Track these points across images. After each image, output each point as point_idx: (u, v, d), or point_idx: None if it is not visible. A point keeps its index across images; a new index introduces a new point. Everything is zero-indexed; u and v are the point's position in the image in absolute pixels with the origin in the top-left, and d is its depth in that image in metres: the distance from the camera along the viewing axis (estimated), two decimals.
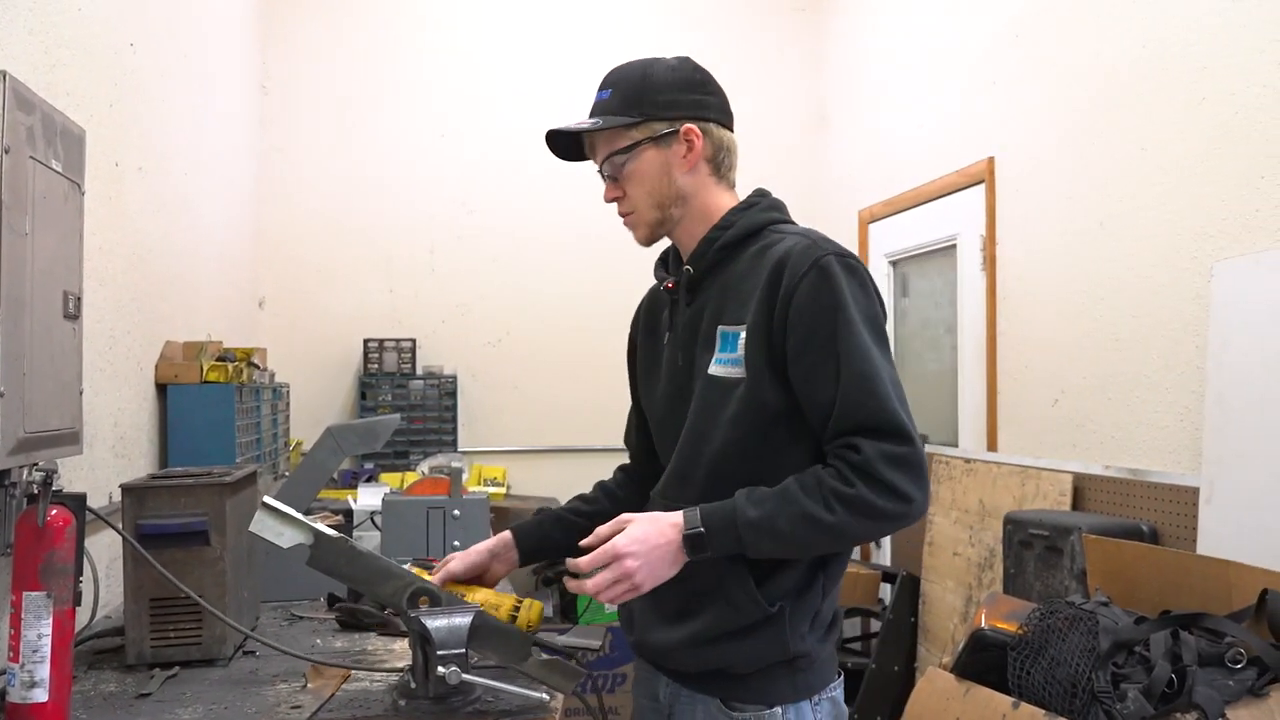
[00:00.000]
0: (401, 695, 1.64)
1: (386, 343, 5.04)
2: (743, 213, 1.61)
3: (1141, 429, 2.95)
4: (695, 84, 1.62)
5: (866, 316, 1.46)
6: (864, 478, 1.38)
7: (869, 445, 1.39)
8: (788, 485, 1.42)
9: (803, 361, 1.46)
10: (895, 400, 1.42)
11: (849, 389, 1.42)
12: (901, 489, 1.38)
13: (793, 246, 1.51)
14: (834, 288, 1.45)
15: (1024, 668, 2.19)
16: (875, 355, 1.44)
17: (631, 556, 1.40)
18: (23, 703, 1.50)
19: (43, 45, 2.08)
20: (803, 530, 1.40)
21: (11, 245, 1.59)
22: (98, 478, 2.37)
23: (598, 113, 1.62)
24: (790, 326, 1.46)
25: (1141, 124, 2.97)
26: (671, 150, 1.59)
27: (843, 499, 1.38)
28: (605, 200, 1.66)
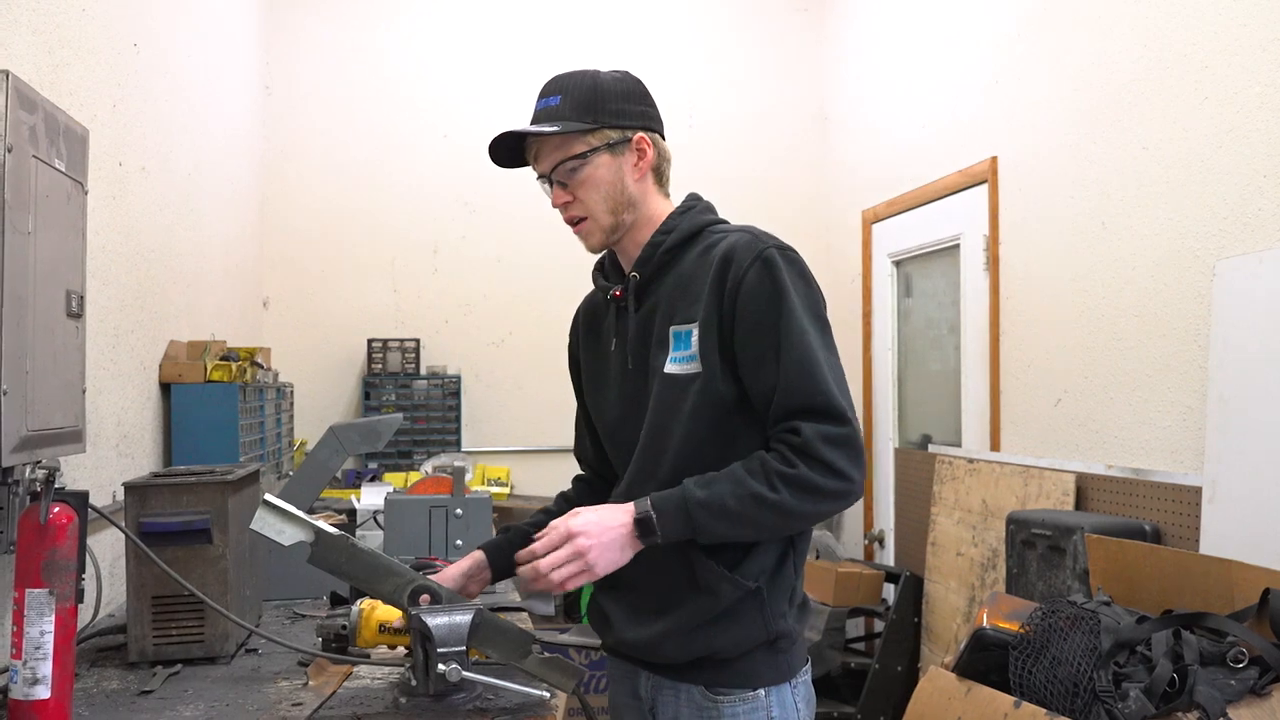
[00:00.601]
0: (402, 693, 1.65)
1: (390, 343, 5.05)
2: (682, 216, 1.66)
3: (1144, 428, 2.95)
4: (640, 95, 1.67)
5: (807, 305, 1.52)
6: (805, 458, 1.44)
7: (808, 427, 1.44)
8: (733, 469, 1.47)
9: (749, 350, 1.51)
10: (833, 384, 1.47)
11: (789, 374, 1.47)
12: (840, 468, 1.43)
13: (736, 241, 1.56)
14: (776, 278, 1.51)
15: (1026, 667, 2.18)
16: (814, 342, 1.49)
17: (585, 536, 1.45)
18: (25, 699, 1.50)
19: (46, 45, 2.09)
20: (751, 508, 1.45)
21: (14, 244, 1.59)
22: (101, 476, 2.38)
23: (547, 119, 1.64)
24: (738, 317, 1.52)
25: (1144, 123, 2.97)
26: (624, 158, 1.63)
27: (785, 479, 1.43)
28: (553, 205, 1.70)
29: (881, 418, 4.87)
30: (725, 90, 5.37)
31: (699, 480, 1.48)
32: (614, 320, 1.71)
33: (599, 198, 1.64)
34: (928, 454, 4.18)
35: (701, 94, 5.31)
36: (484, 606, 1.63)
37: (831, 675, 4.10)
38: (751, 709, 1.54)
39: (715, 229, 1.64)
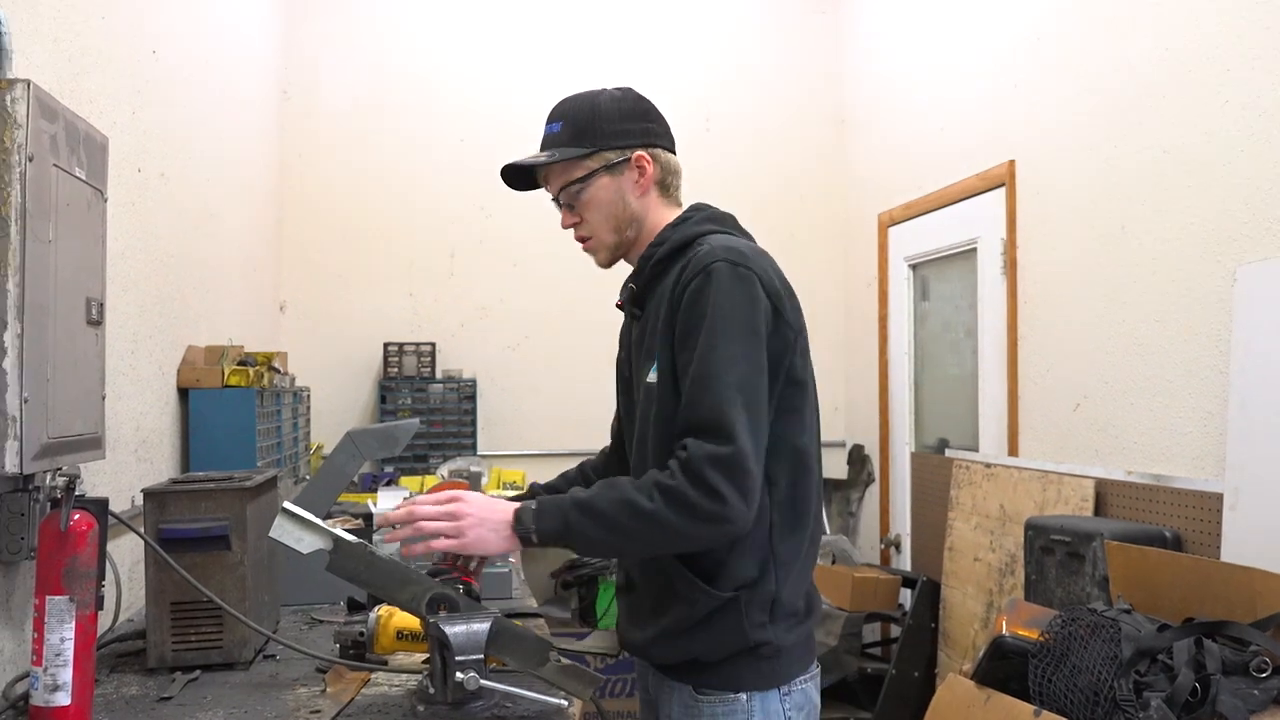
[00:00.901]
0: (420, 700, 1.64)
1: (406, 347, 5.06)
2: (675, 228, 1.68)
3: (1164, 434, 2.93)
4: (640, 113, 1.71)
5: (739, 319, 1.50)
6: (686, 473, 1.44)
7: (694, 444, 1.45)
8: (619, 478, 1.53)
9: (679, 360, 1.54)
10: (731, 401, 1.46)
11: (691, 388, 1.49)
12: (718, 489, 1.42)
13: (698, 253, 1.58)
14: (710, 291, 1.51)
15: (1045, 675, 2.17)
16: (722, 356, 1.48)
17: (468, 507, 1.52)
18: (46, 706, 1.51)
19: (66, 54, 2.10)
20: (623, 515, 1.46)
21: (35, 253, 1.60)
22: (120, 482, 2.39)
23: (549, 145, 1.71)
24: (677, 327, 1.55)
25: (1164, 127, 2.95)
26: (624, 177, 1.69)
27: (662, 489, 1.44)
28: (563, 227, 1.76)
29: (898, 422, 4.85)
30: (742, 93, 5.36)
31: (589, 485, 1.55)
32: (626, 327, 1.79)
33: (601, 218, 1.70)
34: (944, 458, 4.16)
35: (718, 97, 5.31)
36: (501, 613, 1.63)
37: (848, 680, 4.09)
38: (731, 711, 1.57)
39: (702, 240, 1.64)
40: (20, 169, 1.56)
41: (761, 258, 1.60)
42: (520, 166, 1.75)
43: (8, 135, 1.56)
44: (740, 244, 1.61)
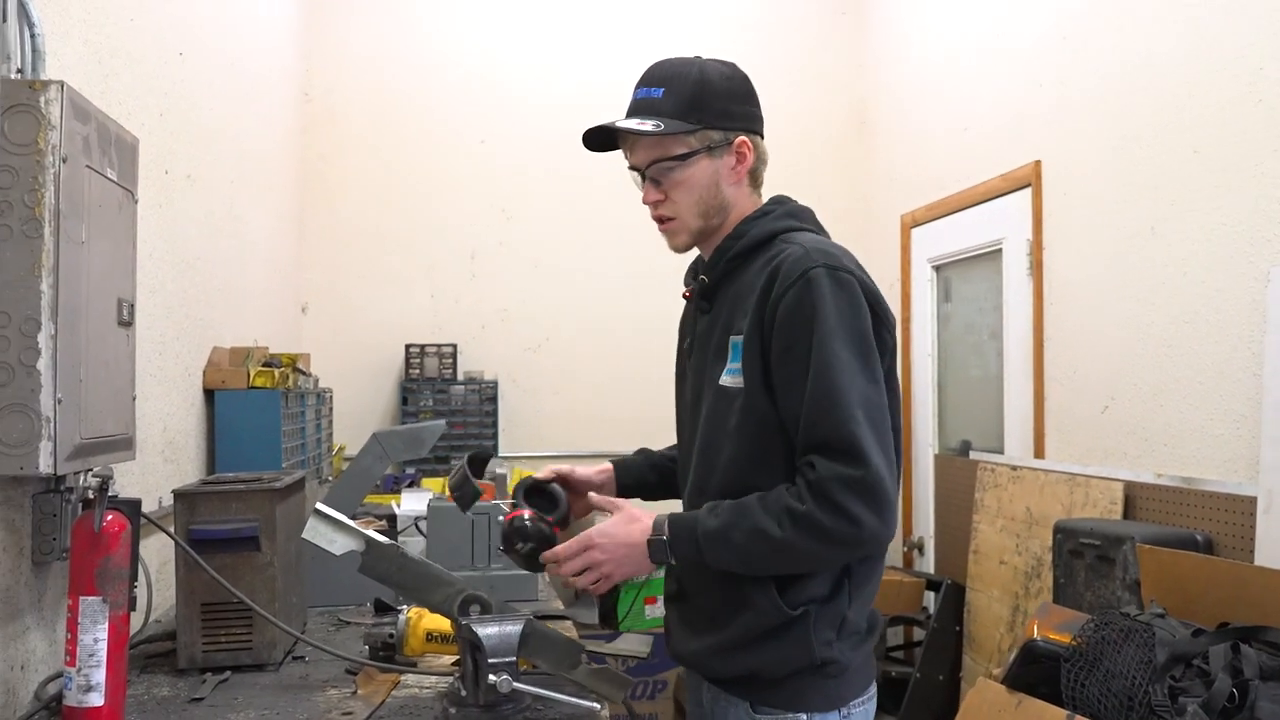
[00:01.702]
0: (451, 703, 1.63)
1: (428, 348, 5.06)
2: (754, 222, 1.60)
3: (1195, 436, 2.90)
4: (745, 94, 1.61)
5: (850, 330, 1.44)
6: (816, 497, 1.39)
7: (823, 465, 1.39)
8: (749, 499, 1.45)
9: (779, 372, 1.47)
10: (862, 421, 1.40)
11: (811, 404, 1.42)
12: (852, 512, 1.37)
13: (788, 256, 1.50)
14: (815, 299, 1.44)
15: (1078, 680, 2.15)
16: (847, 371, 1.42)
17: (599, 549, 1.50)
18: (79, 706, 1.51)
19: (97, 56, 2.10)
20: (754, 544, 1.42)
21: (68, 253, 1.60)
22: (148, 483, 2.40)
23: (647, 112, 1.57)
24: (774, 336, 1.47)
25: (1194, 126, 2.92)
26: (722, 161, 1.58)
27: (793, 516, 1.39)
28: (644, 202, 1.63)
29: (921, 424, 4.83)
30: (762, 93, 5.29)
31: (715, 507, 1.47)
32: (691, 317, 1.70)
33: (691, 201, 1.59)
34: (969, 460, 4.13)
35: None
36: (531, 615, 1.62)
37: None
38: None
39: (785, 237, 1.57)
40: (54, 170, 1.57)
41: (851, 258, 1.52)
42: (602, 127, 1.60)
43: (42, 136, 1.56)
44: (829, 245, 1.53)
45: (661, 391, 1.91)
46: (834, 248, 1.53)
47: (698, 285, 1.65)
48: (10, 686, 1.67)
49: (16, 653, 1.70)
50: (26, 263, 1.55)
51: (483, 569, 2.49)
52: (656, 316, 5.43)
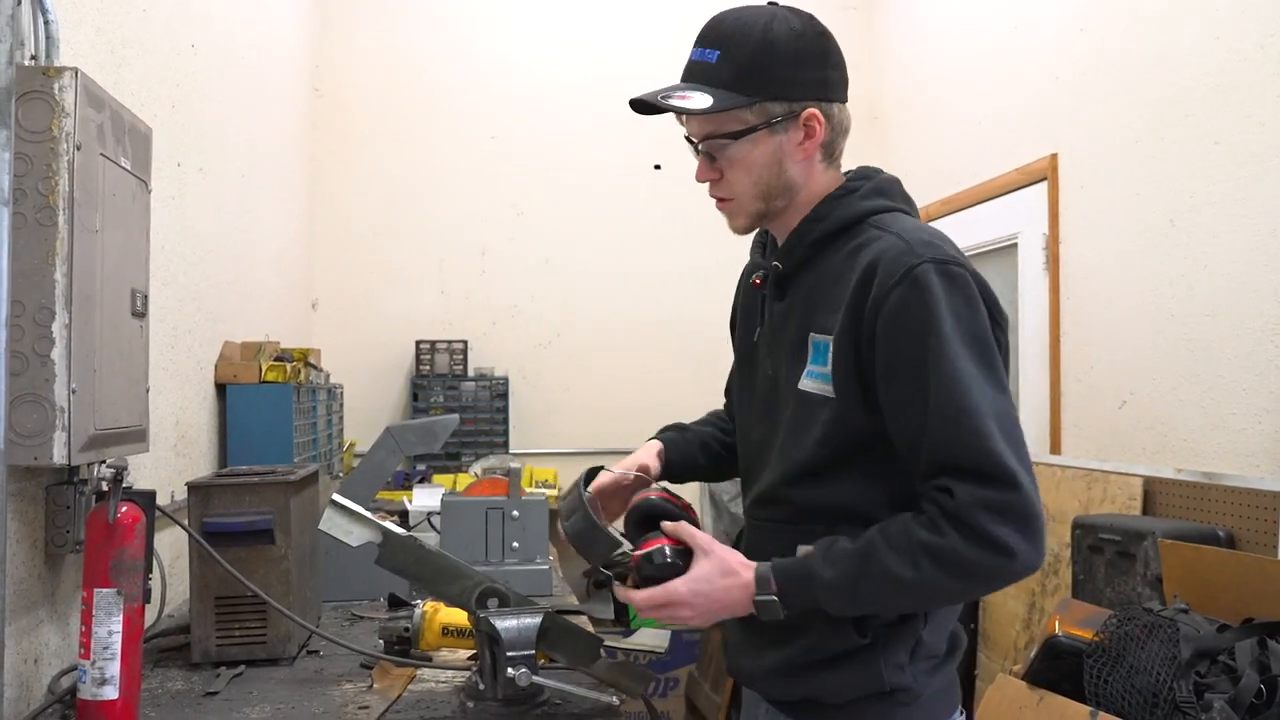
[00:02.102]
0: (469, 697, 1.62)
1: (438, 344, 5.04)
2: (837, 202, 1.41)
3: (1216, 431, 2.87)
4: (819, 55, 1.39)
5: (969, 335, 1.27)
6: (958, 526, 1.22)
7: (965, 490, 1.22)
8: (871, 538, 1.27)
9: (890, 387, 1.30)
10: (999, 437, 1.23)
11: (941, 424, 1.24)
12: (1002, 541, 1.20)
13: (886, 250, 1.31)
14: (927, 302, 1.26)
15: (1101, 676, 2.12)
16: (974, 383, 1.25)
17: (689, 607, 1.33)
18: (93, 699, 1.50)
19: (109, 44, 2.09)
20: (884, 593, 1.27)
21: (82, 242, 1.59)
22: (160, 476, 2.38)
23: (701, 79, 1.38)
24: (877, 345, 1.29)
25: (1215, 118, 2.89)
26: (787, 136, 1.38)
27: (931, 551, 1.23)
28: (697, 179, 1.44)
29: None
30: None
31: (830, 552, 1.29)
32: (762, 302, 1.51)
33: (750, 181, 1.40)
34: None
35: None
36: (551, 609, 1.60)
37: None
38: None
39: (875, 221, 1.38)
40: (68, 157, 1.55)
41: (954, 246, 1.34)
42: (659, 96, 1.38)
43: (56, 123, 1.55)
44: (929, 232, 1.35)
45: (673, 387, 1.86)
46: (935, 235, 1.35)
47: (771, 273, 1.46)
48: (24, 680, 1.65)
49: (30, 646, 1.68)
50: (41, 251, 1.53)
51: (496, 563, 2.47)
52: (667, 312, 5.44)
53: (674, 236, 5.07)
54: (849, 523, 1.34)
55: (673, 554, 1.35)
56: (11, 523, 1.58)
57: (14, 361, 1.50)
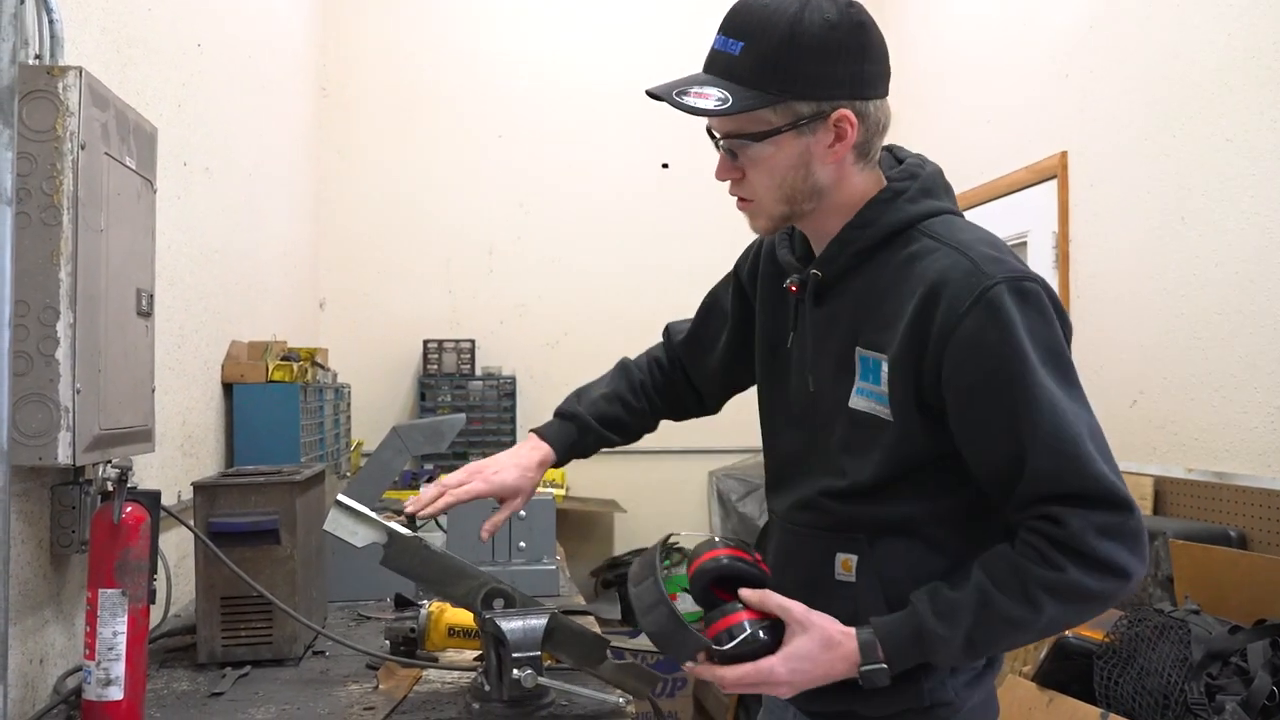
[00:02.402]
0: (475, 698, 1.61)
1: (446, 343, 5.04)
2: (884, 206, 1.32)
3: (1227, 430, 2.85)
4: (856, 49, 1.26)
5: (1049, 355, 1.21)
6: (1073, 556, 1.17)
7: (1076, 517, 1.17)
8: (981, 584, 1.21)
9: (968, 415, 1.23)
10: (1098, 459, 1.18)
11: (1038, 454, 1.19)
12: (1119, 564, 1.17)
13: (950, 269, 1.23)
14: (1006, 326, 1.19)
15: (1111, 677, 2.11)
16: (1066, 406, 1.19)
17: (788, 685, 1.25)
18: (98, 700, 1.49)
19: (114, 44, 2.08)
20: (1002, 638, 1.23)
21: (87, 241, 1.58)
22: (167, 476, 2.38)
23: (722, 72, 1.27)
24: (949, 372, 1.22)
25: (1227, 115, 2.87)
26: (815, 138, 1.27)
27: (1049, 587, 1.18)
28: (717, 178, 1.35)
29: None
30: None
31: (936, 604, 1.22)
32: (795, 305, 1.42)
33: (772, 184, 1.30)
34: None
35: None
36: (556, 610, 1.60)
37: None
38: None
39: (926, 228, 1.30)
40: (72, 156, 1.55)
41: (1014, 254, 1.27)
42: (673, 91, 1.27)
43: (60, 123, 1.54)
44: (988, 243, 1.27)
45: None
46: (994, 244, 1.28)
47: (810, 280, 1.36)
48: (29, 680, 1.65)
49: (36, 646, 1.68)
50: (45, 250, 1.53)
51: (503, 563, 2.46)
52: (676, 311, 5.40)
53: (682, 234, 5.06)
54: (894, 534, 1.32)
55: (762, 630, 1.25)
56: (17, 523, 1.58)
57: (18, 361, 1.50)
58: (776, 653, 1.24)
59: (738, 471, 5.15)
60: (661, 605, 1.27)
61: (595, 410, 1.69)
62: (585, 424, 1.68)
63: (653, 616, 1.28)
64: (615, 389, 1.72)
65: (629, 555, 4.89)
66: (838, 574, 1.34)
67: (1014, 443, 1.20)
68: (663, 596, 1.27)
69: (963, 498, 1.31)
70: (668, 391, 1.75)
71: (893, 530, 1.32)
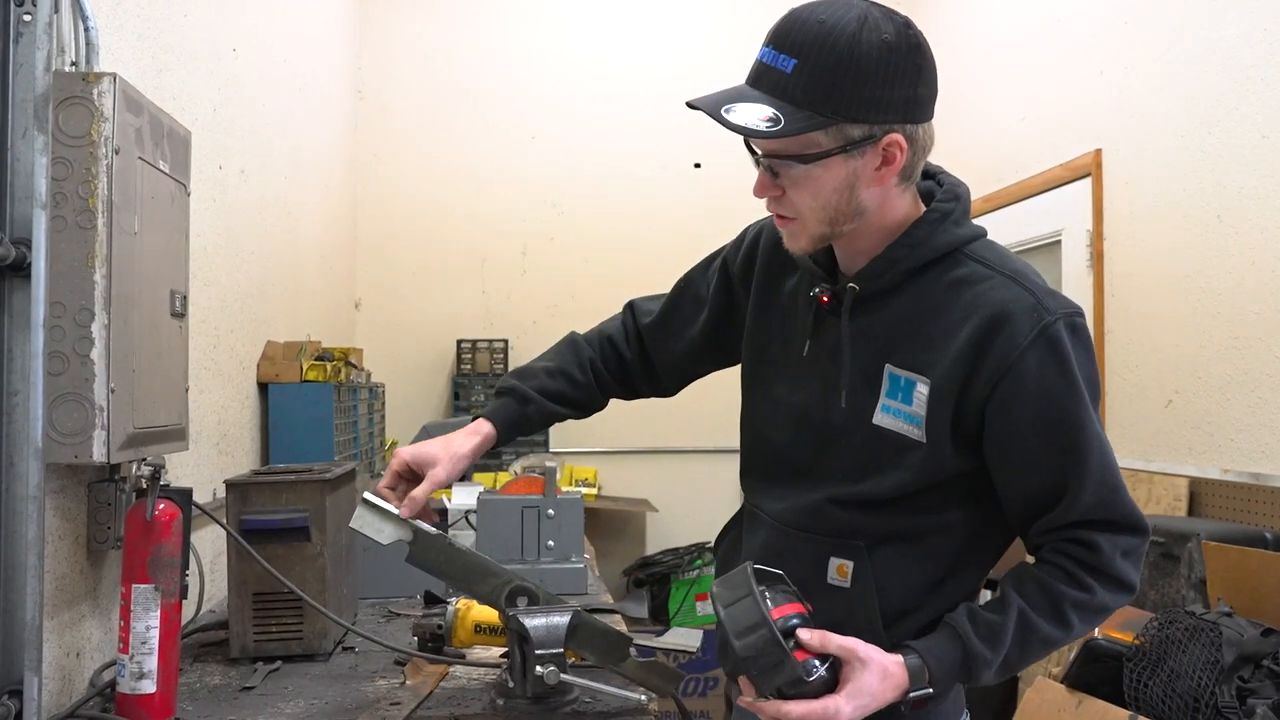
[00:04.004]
0: (499, 694, 1.63)
1: (479, 343, 5.08)
2: (934, 228, 1.31)
3: (1264, 431, 2.81)
4: (911, 71, 1.23)
5: (1092, 390, 1.26)
6: (1099, 577, 1.26)
7: (1107, 541, 1.26)
8: (1017, 606, 1.26)
9: (1014, 445, 1.26)
10: (1123, 486, 1.28)
11: (1088, 486, 1.24)
12: (1132, 582, 1.28)
13: (1010, 302, 1.24)
14: (1065, 366, 1.23)
15: (1141, 680, 2.09)
16: (1105, 441, 1.27)
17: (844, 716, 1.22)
18: (131, 693, 1.53)
19: (150, 50, 2.12)
20: (1035, 657, 1.30)
21: (121, 244, 1.62)
22: (202, 474, 2.42)
23: (771, 89, 1.22)
24: (1000, 403, 1.24)
25: (1263, 111, 2.83)
26: (863, 162, 1.24)
27: (1079, 606, 1.26)
28: (755, 194, 1.32)
29: None
30: None
31: (978, 628, 1.26)
32: (813, 314, 1.40)
33: (816, 205, 1.27)
34: None
35: None
36: (580, 608, 1.61)
37: None
38: None
39: (972, 252, 1.31)
40: (107, 161, 1.58)
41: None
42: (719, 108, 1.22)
43: (95, 128, 1.58)
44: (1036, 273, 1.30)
45: (711, 387, 1.85)
46: (1039, 277, 1.30)
47: (847, 293, 1.34)
48: (66, 673, 1.69)
49: (73, 640, 1.72)
50: (80, 253, 1.56)
51: (532, 562, 2.48)
52: None
53: (713, 235, 5.00)
54: (894, 543, 1.34)
55: (825, 668, 1.23)
56: (54, 519, 1.62)
57: (54, 362, 1.53)
58: (840, 690, 1.22)
59: None
60: (764, 629, 1.21)
61: (537, 384, 1.69)
62: (525, 396, 1.67)
63: (752, 639, 1.22)
64: (560, 364, 1.73)
65: (661, 555, 4.90)
66: (830, 578, 1.36)
67: (1060, 476, 1.25)
68: (765, 619, 1.22)
69: (970, 512, 1.34)
70: (618, 369, 1.76)
71: (893, 539, 1.34)
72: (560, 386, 1.70)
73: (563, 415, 1.73)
